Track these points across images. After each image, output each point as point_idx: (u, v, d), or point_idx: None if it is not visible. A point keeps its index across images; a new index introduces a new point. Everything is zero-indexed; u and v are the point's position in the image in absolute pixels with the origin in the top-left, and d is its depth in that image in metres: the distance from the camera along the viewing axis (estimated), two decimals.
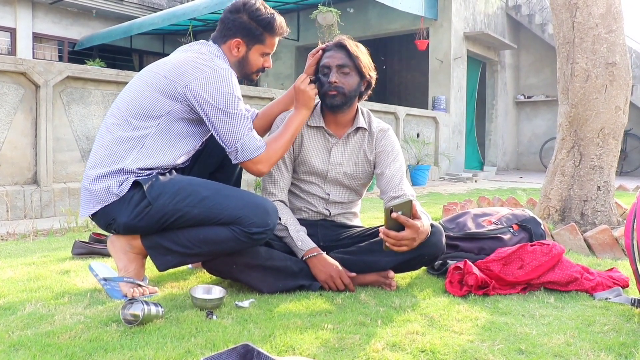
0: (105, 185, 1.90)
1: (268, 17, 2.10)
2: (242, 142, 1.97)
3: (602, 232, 2.92)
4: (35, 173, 4.35)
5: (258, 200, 1.96)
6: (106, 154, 1.93)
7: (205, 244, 1.92)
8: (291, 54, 12.43)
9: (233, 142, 1.97)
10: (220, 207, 1.89)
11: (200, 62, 1.96)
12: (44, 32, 11.59)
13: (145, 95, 1.95)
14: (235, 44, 2.09)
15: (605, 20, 3.44)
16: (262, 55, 2.15)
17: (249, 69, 2.16)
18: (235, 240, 1.90)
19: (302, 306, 1.86)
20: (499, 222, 2.57)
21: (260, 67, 2.18)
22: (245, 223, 1.88)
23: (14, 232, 3.39)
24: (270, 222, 1.92)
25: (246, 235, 1.89)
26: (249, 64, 2.14)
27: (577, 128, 3.53)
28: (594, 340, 1.56)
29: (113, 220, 1.94)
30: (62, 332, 1.56)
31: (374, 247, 2.09)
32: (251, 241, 1.91)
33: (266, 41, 2.12)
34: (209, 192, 1.92)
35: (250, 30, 2.08)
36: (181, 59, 1.99)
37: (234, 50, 2.10)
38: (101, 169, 1.92)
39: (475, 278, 2.03)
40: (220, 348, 1.44)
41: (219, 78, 1.94)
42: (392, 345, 1.50)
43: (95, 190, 1.91)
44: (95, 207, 1.94)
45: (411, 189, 2.20)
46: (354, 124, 2.27)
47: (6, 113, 4.15)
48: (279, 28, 2.13)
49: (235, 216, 1.88)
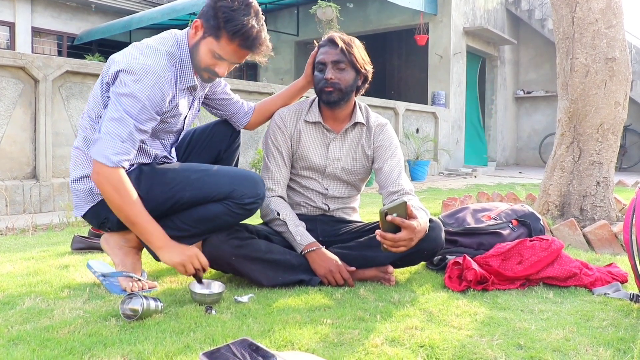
0: (87, 186, 1.92)
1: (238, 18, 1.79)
2: (104, 137, 1.75)
3: (601, 227, 2.92)
4: (34, 168, 4.34)
5: (245, 173, 1.99)
6: (81, 155, 1.93)
7: (201, 222, 1.94)
8: (290, 49, 12.42)
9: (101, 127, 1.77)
10: (211, 186, 1.91)
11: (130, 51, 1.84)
12: (43, 27, 11.55)
13: (94, 95, 1.92)
14: (195, 24, 1.87)
15: (605, 16, 3.43)
16: (213, 55, 1.86)
17: (197, 62, 1.90)
18: (230, 214, 1.93)
19: (301, 301, 1.86)
20: (498, 217, 2.57)
21: (210, 68, 1.89)
22: (237, 196, 1.91)
23: (13, 227, 3.39)
24: (260, 192, 1.96)
25: (240, 207, 1.92)
26: (197, 54, 1.88)
27: (576, 123, 3.53)
28: (592, 335, 1.57)
29: (106, 219, 1.95)
30: (61, 326, 1.56)
31: (373, 242, 2.08)
32: (245, 212, 1.95)
33: (221, 39, 1.82)
34: (197, 174, 1.93)
35: (209, 16, 1.83)
36: None
37: (192, 32, 1.89)
38: (80, 170, 1.93)
39: (474, 273, 2.03)
40: (219, 343, 1.44)
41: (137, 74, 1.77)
42: (391, 340, 1.50)
43: (79, 191, 1.94)
44: (85, 206, 1.96)
45: (410, 183, 2.20)
46: (351, 119, 2.27)
47: (5, 108, 4.15)
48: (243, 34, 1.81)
49: (227, 191, 1.90)
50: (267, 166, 2.25)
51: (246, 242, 2.00)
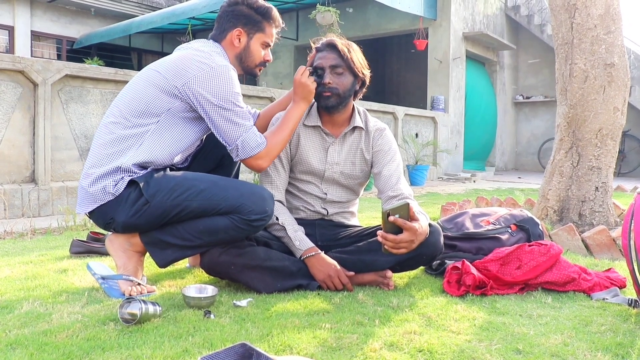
0: (102, 185, 1.90)
1: (266, 6, 2.13)
2: (242, 139, 1.98)
3: (599, 232, 2.92)
4: (33, 171, 4.34)
5: (254, 188, 1.99)
6: (105, 152, 1.93)
7: (206, 234, 1.94)
8: (290, 53, 12.43)
9: (233, 139, 1.98)
10: (219, 198, 1.91)
11: (199, 59, 1.96)
12: (42, 30, 11.56)
13: (145, 93, 1.96)
14: (237, 34, 2.10)
15: (604, 22, 3.44)
16: (263, 46, 2.16)
17: (252, 61, 2.15)
18: (235, 228, 1.92)
19: (299, 305, 1.86)
20: (497, 222, 2.57)
21: (262, 60, 2.17)
22: (244, 211, 1.91)
23: (12, 231, 3.38)
24: (268, 209, 1.96)
25: (246, 222, 1.92)
26: (252, 54, 2.14)
27: (575, 129, 3.53)
28: (591, 341, 1.57)
29: (111, 219, 1.94)
30: (59, 330, 1.55)
31: (372, 247, 2.08)
32: (251, 228, 1.94)
33: (266, 29, 2.14)
34: (206, 185, 1.93)
35: (250, 19, 2.11)
36: (180, 57, 2.00)
37: (236, 42, 2.11)
38: (99, 168, 1.92)
39: (473, 278, 2.03)
40: (218, 347, 1.44)
41: (217, 75, 1.94)
42: (389, 345, 1.50)
43: (92, 191, 1.92)
44: (91, 205, 1.94)
45: (409, 188, 2.20)
46: (350, 123, 2.27)
47: (4, 111, 4.15)
48: (276, 18, 2.16)
49: (235, 205, 1.90)
50: (266, 171, 2.24)
51: (245, 250, 2.00)
